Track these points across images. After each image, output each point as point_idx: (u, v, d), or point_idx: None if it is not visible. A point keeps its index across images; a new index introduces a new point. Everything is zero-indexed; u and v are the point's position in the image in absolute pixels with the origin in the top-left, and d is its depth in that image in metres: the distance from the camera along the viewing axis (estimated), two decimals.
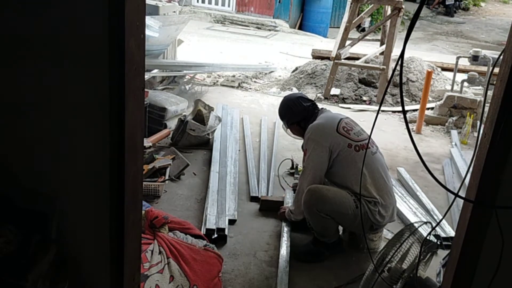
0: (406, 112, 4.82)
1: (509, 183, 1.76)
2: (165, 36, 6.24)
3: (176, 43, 7.16)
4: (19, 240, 1.85)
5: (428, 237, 2.51)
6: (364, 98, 7.05)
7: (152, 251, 2.70)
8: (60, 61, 1.79)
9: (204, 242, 2.98)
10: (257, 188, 4.15)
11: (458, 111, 6.18)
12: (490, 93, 5.44)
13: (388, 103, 6.92)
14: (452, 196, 4.09)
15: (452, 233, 3.55)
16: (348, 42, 7.25)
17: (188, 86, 7.04)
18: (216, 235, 3.31)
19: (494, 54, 6.66)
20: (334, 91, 7.13)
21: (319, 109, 3.43)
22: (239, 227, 3.57)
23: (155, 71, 6.29)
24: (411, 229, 2.73)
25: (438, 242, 3.33)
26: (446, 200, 4.19)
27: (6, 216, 1.88)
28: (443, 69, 8.12)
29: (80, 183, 1.91)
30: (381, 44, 7.86)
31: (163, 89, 6.26)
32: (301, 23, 13.43)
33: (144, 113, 2.47)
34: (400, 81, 1.68)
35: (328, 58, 7.67)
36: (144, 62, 1.88)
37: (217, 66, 7.40)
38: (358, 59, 7.65)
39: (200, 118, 4.93)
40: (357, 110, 6.63)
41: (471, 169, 1.90)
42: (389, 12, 7.30)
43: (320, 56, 8.47)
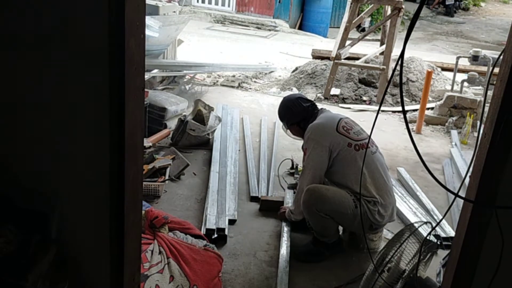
0: (406, 112, 4.82)
1: (509, 183, 1.76)
2: (165, 36, 6.24)
3: (176, 43, 7.15)
4: (19, 240, 1.85)
5: (428, 237, 2.51)
6: (364, 98, 7.05)
7: (152, 251, 2.70)
8: (60, 61, 1.78)
9: (204, 242, 2.98)
10: (257, 188, 4.15)
11: (458, 111, 6.18)
12: (490, 93, 5.44)
13: (388, 103, 6.92)
14: (452, 196, 4.09)
15: (452, 233, 3.55)
16: (348, 42, 7.25)
17: (188, 86, 7.04)
18: (216, 235, 3.31)
19: (494, 54, 6.66)
20: (334, 91, 7.13)
21: (318, 110, 3.43)
22: (239, 227, 3.57)
23: (155, 71, 6.29)
24: (411, 229, 2.73)
25: (438, 242, 3.33)
26: (446, 200, 4.19)
27: (6, 216, 1.88)
28: (443, 69, 8.12)
29: (80, 183, 1.91)
30: (381, 44, 7.86)
31: (163, 89, 6.26)
32: (301, 23, 13.43)
33: (144, 113, 2.47)
34: (400, 81, 1.68)
35: (328, 58, 7.66)
36: (144, 62, 1.88)
37: (217, 66, 7.39)
38: (358, 59, 7.65)
39: (200, 118, 4.93)
40: (357, 110, 6.63)
41: (471, 169, 1.90)
42: (389, 12, 7.30)
43: (320, 56, 8.47)
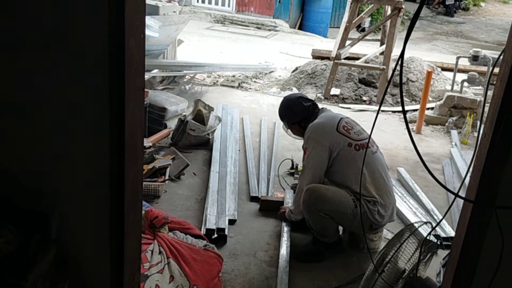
0: (406, 112, 4.81)
1: (509, 183, 1.76)
2: (165, 36, 6.24)
3: (176, 43, 7.15)
4: (19, 240, 1.85)
5: (428, 237, 2.51)
6: (364, 98, 7.05)
7: (152, 251, 2.70)
8: (60, 61, 1.78)
9: (204, 242, 2.98)
10: (257, 188, 4.15)
11: (458, 111, 6.18)
12: (490, 93, 5.44)
13: (388, 103, 6.92)
14: (452, 196, 4.09)
15: (452, 233, 3.55)
16: (348, 42, 7.25)
17: (188, 86, 7.04)
18: (216, 235, 3.31)
19: (494, 54, 6.65)
20: (334, 91, 7.13)
21: (319, 109, 3.43)
22: (239, 227, 3.57)
23: (155, 71, 6.29)
24: (411, 229, 2.73)
25: (438, 242, 3.32)
26: (446, 200, 4.19)
27: (6, 216, 1.88)
28: (443, 69, 8.12)
29: (80, 183, 1.91)
30: (381, 44, 7.86)
31: (163, 89, 6.26)
32: (301, 23, 13.43)
33: (144, 113, 2.47)
34: (400, 81, 1.68)
35: (328, 58, 7.66)
36: (144, 62, 1.88)
37: (217, 66, 7.39)
38: (358, 59, 7.65)
39: (200, 118, 4.93)
40: (357, 110, 6.63)
41: (471, 169, 1.90)
42: (389, 12, 7.30)
43: (320, 56, 8.47)
